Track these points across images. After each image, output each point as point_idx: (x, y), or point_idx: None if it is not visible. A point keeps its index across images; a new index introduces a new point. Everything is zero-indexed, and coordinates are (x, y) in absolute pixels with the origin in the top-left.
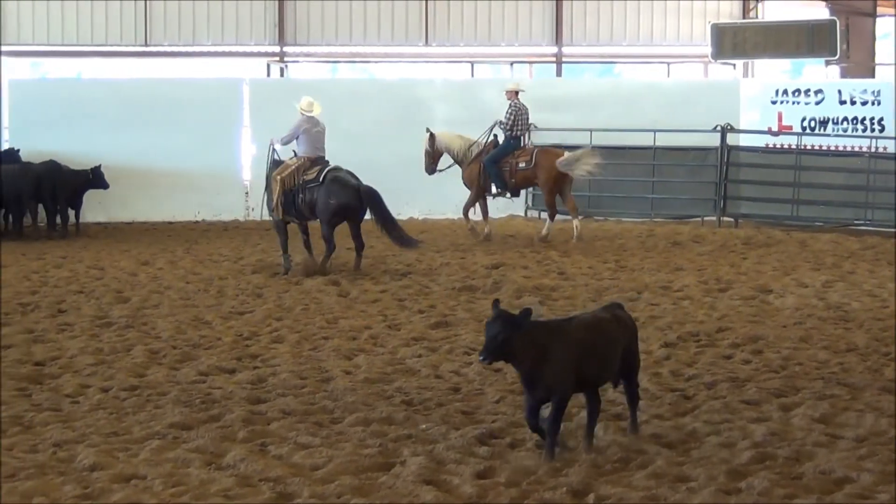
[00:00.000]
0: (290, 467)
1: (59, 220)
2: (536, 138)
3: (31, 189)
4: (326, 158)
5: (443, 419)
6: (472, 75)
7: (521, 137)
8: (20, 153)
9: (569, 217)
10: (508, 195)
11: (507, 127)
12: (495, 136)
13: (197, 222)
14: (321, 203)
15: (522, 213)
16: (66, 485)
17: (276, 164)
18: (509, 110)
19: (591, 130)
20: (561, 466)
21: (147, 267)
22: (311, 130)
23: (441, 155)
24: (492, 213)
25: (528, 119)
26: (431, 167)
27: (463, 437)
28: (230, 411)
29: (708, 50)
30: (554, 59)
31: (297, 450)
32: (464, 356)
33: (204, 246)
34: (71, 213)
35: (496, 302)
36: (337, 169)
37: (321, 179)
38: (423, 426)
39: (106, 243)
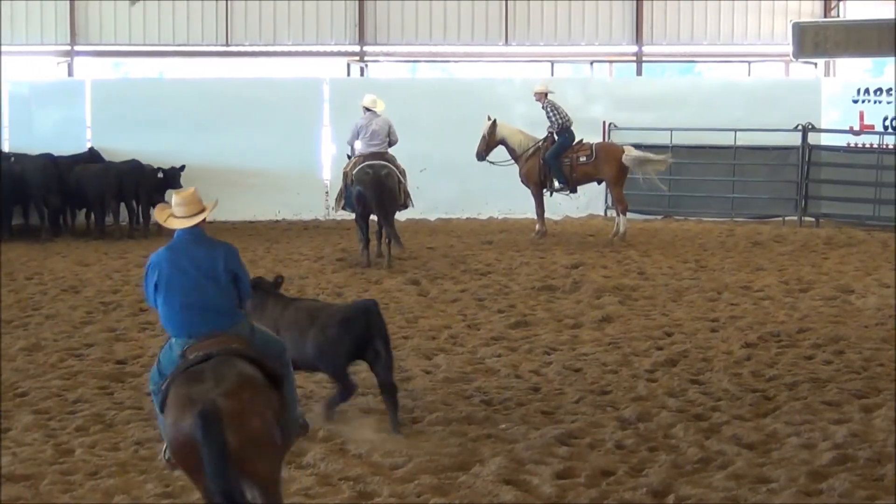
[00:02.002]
0: (370, 466)
1: (140, 219)
2: (616, 137)
3: (114, 188)
4: (384, 153)
5: (522, 419)
6: (552, 75)
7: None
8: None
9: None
10: (568, 191)
11: (557, 127)
12: (551, 132)
13: (277, 221)
14: (352, 194)
15: (602, 213)
16: (148, 483)
17: (349, 159)
18: (549, 112)
19: (671, 130)
20: (641, 467)
21: None
22: (368, 128)
23: (497, 144)
24: (572, 213)
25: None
26: (483, 154)
27: (542, 437)
28: (311, 410)
29: (789, 49)
30: (634, 58)
31: (377, 449)
32: (543, 356)
33: (284, 245)
34: (153, 212)
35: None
36: (371, 163)
37: (353, 174)
38: (503, 426)
39: None
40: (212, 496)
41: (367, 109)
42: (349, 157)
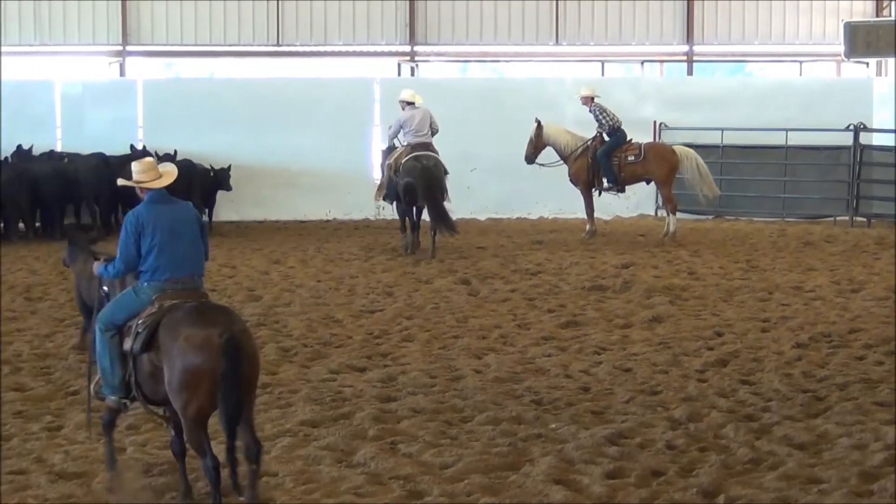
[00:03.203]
0: (420, 465)
1: None
2: (667, 137)
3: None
4: (430, 143)
5: (572, 419)
6: (603, 74)
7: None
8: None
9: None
10: (616, 191)
11: (607, 128)
12: (600, 133)
13: (328, 221)
14: (399, 184)
15: (652, 213)
16: (199, 481)
17: (389, 150)
18: (598, 115)
19: (722, 130)
20: (691, 467)
21: (278, 265)
22: (412, 120)
23: (544, 147)
24: (622, 213)
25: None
26: (532, 157)
27: (592, 437)
28: (360, 409)
29: (841, 48)
30: (685, 57)
31: (427, 448)
32: (593, 356)
33: (335, 244)
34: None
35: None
36: (418, 154)
37: (400, 166)
38: (553, 425)
39: (238, 242)
40: (223, 419)
41: (408, 103)
42: (388, 151)
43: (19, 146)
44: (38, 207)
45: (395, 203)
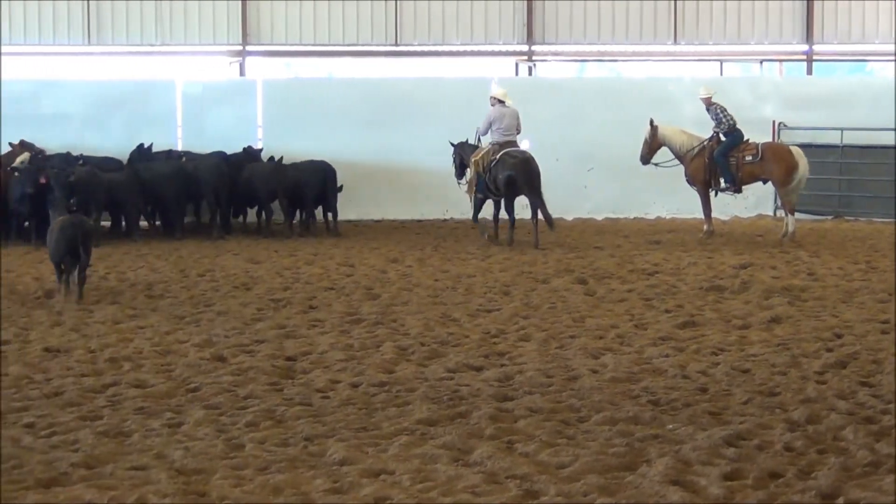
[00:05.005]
0: (537, 465)
1: (309, 217)
2: (786, 137)
3: (288, 188)
4: (516, 143)
5: (690, 419)
6: (721, 74)
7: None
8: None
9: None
10: (734, 191)
11: (725, 128)
12: (717, 132)
13: (445, 220)
14: (497, 179)
15: (771, 213)
16: (317, 478)
17: (472, 148)
18: (718, 114)
19: (841, 129)
20: (810, 469)
21: (396, 264)
22: (502, 119)
23: (659, 147)
24: (740, 213)
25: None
26: (646, 157)
27: (710, 438)
28: (477, 408)
29: None
30: (804, 57)
31: (544, 447)
32: (711, 356)
33: (452, 244)
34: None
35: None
36: (510, 150)
37: (496, 160)
38: (670, 426)
39: (356, 241)
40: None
41: (499, 101)
42: (459, 146)
43: (140, 145)
44: (158, 206)
45: (474, 200)
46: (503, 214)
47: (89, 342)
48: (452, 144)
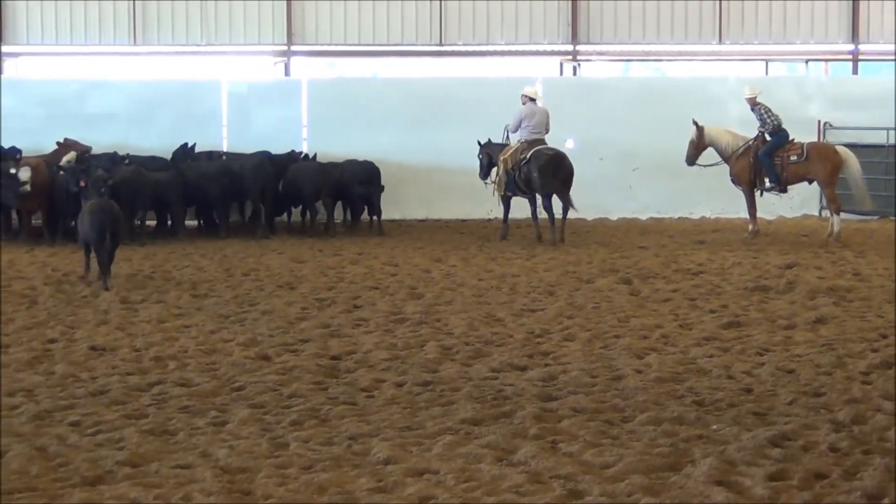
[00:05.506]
0: (581, 465)
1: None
2: (831, 137)
3: (331, 187)
4: (545, 141)
5: (734, 420)
6: (766, 74)
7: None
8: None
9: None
10: (779, 191)
11: (770, 128)
12: (762, 132)
13: (489, 220)
14: (532, 176)
15: (816, 213)
16: (361, 477)
17: (499, 147)
18: (763, 115)
19: (887, 130)
20: (855, 470)
21: (440, 264)
22: (533, 117)
23: (705, 148)
24: (785, 213)
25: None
26: (692, 158)
27: (755, 439)
28: (521, 408)
29: None
30: (850, 56)
31: (588, 447)
32: (756, 357)
33: (496, 244)
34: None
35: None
36: (539, 148)
37: (529, 157)
38: (715, 427)
39: (400, 240)
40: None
41: (530, 99)
42: (486, 145)
43: (184, 144)
44: (203, 205)
45: (502, 199)
46: (541, 213)
47: (135, 341)
48: (480, 144)
